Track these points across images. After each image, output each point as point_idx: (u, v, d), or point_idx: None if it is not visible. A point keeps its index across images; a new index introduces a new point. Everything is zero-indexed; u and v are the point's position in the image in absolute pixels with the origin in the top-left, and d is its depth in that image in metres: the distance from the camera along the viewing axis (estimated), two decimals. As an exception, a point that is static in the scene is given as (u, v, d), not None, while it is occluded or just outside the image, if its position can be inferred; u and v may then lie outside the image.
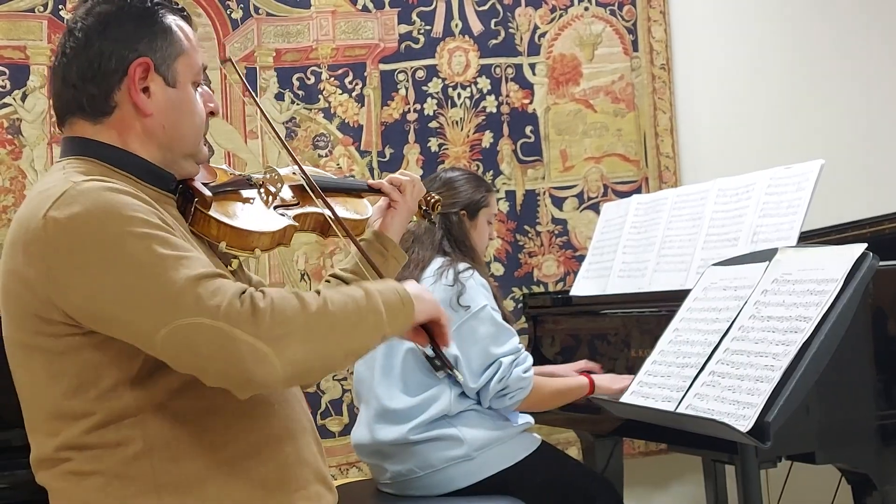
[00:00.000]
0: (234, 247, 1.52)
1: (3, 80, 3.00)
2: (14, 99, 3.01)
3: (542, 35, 3.43)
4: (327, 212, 1.70)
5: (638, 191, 3.42)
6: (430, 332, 1.53)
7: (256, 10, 3.19)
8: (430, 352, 1.55)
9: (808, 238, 2.63)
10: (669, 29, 3.51)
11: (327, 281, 1.86)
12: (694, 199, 2.60)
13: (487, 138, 3.38)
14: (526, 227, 3.40)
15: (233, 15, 3.17)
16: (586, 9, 3.45)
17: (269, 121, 1.89)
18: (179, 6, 1.55)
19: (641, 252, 2.69)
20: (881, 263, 1.69)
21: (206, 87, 1.56)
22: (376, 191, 1.90)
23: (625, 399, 1.86)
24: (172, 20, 1.49)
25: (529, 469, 2.33)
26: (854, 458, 1.88)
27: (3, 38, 3.00)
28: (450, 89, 3.36)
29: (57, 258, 1.29)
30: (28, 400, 1.40)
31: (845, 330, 1.61)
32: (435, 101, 3.34)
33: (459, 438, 2.29)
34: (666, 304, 2.33)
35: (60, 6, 3.05)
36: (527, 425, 2.42)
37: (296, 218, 1.65)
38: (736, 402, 1.57)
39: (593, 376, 2.46)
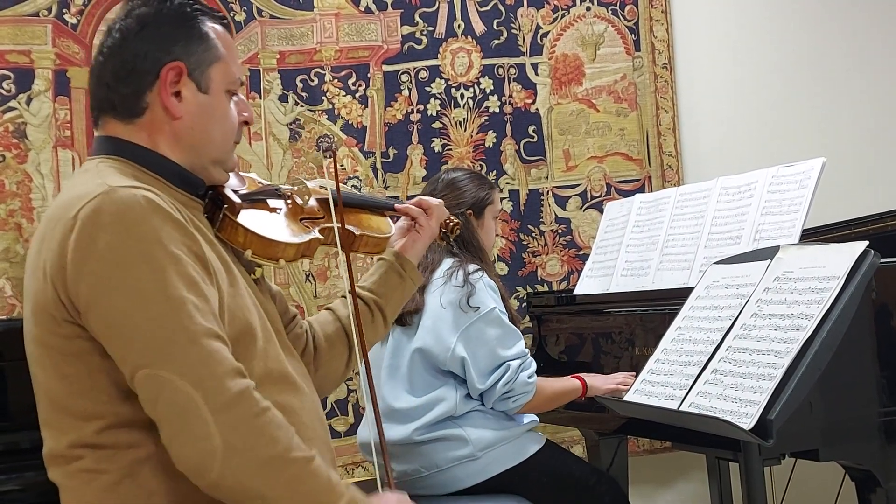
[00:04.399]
0: (260, 255, 1.53)
1: (8, 84, 3.01)
2: (19, 103, 3.02)
3: (545, 35, 3.44)
4: (355, 230, 1.72)
5: (641, 190, 3.42)
6: None
7: (260, 12, 3.20)
8: None
9: (810, 236, 2.64)
10: (671, 28, 3.52)
11: (327, 309, 1.84)
12: (696, 197, 2.61)
13: (490, 138, 3.39)
14: (530, 227, 3.41)
15: (236, 17, 3.19)
16: (588, 9, 3.46)
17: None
18: (220, 14, 1.55)
19: (645, 251, 2.70)
20: (883, 260, 1.70)
21: (241, 96, 1.56)
22: (402, 212, 1.89)
23: (628, 397, 1.86)
24: (211, 27, 1.50)
25: (534, 468, 2.34)
26: (858, 455, 1.88)
27: (8, 42, 3.01)
28: (453, 90, 3.36)
29: (74, 259, 1.30)
30: (41, 395, 1.41)
31: (847, 327, 1.62)
32: (438, 101, 3.35)
33: (465, 438, 2.30)
34: (669, 303, 2.33)
35: (65, 10, 3.06)
36: (532, 424, 2.43)
37: (321, 231, 1.66)
38: (739, 400, 1.58)
39: (585, 378, 2.48)
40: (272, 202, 1.63)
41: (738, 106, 3.57)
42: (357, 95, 3.29)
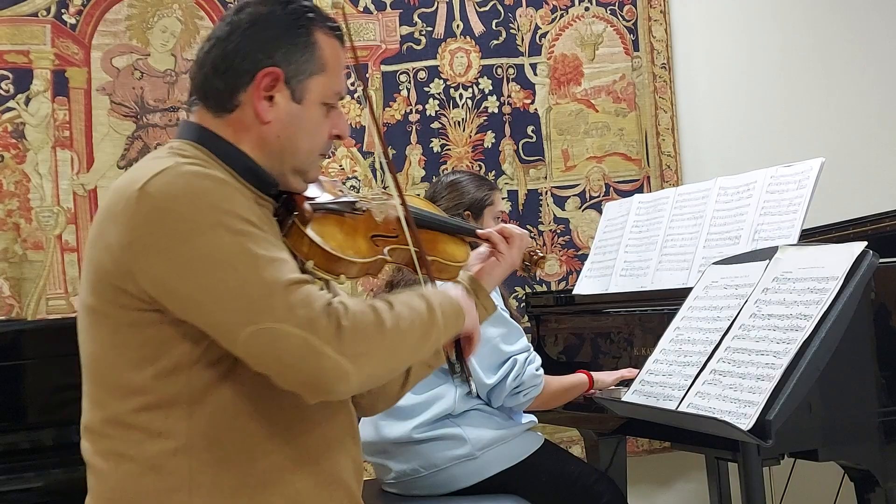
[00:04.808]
0: (321, 269, 1.50)
1: (6, 85, 3.01)
2: (18, 103, 3.02)
3: (543, 35, 3.44)
4: (413, 251, 1.62)
5: (640, 190, 3.43)
6: (459, 341, 1.56)
7: (258, 12, 3.20)
8: (453, 358, 1.56)
9: (809, 236, 2.64)
10: (670, 28, 3.52)
11: None
12: (695, 197, 2.61)
13: (489, 138, 3.39)
14: (528, 227, 3.40)
15: (235, 18, 3.18)
16: (587, 9, 3.46)
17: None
18: (335, 24, 1.52)
19: (643, 251, 2.70)
20: (882, 261, 1.70)
21: (339, 110, 1.54)
22: (483, 239, 1.83)
23: (627, 398, 1.86)
24: (322, 37, 1.48)
25: (533, 468, 2.34)
26: (857, 455, 1.88)
27: (6, 42, 3.01)
28: (451, 90, 3.36)
29: (143, 232, 1.31)
30: (88, 367, 1.42)
31: (846, 327, 1.62)
32: (437, 101, 3.35)
33: (463, 438, 2.30)
34: (668, 303, 2.33)
35: (63, 10, 3.06)
36: (530, 424, 2.43)
37: (390, 252, 1.61)
38: (737, 401, 1.58)
39: (592, 372, 2.48)
40: (347, 215, 1.59)
41: (736, 106, 3.58)
42: (355, 95, 3.29)
